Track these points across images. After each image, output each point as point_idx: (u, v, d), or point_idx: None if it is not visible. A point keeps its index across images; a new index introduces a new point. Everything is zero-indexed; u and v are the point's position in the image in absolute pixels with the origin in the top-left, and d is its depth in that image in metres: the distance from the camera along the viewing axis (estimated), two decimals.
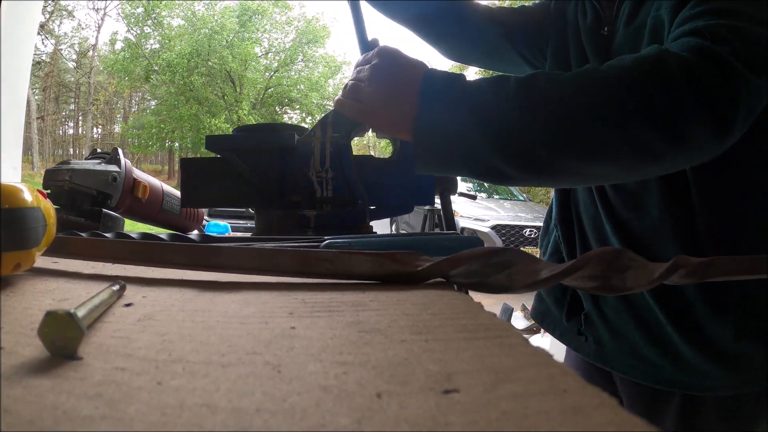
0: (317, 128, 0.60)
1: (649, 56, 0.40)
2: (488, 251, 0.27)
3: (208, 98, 14.43)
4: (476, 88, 0.42)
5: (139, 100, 19.44)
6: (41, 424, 0.11)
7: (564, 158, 0.40)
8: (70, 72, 18.40)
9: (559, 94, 0.40)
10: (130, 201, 0.66)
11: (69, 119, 19.51)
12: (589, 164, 0.40)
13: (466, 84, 0.43)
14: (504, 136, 0.40)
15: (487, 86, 0.42)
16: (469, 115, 0.41)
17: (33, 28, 1.85)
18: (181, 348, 0.17)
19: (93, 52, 17.90)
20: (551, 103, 0.40)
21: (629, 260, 0.26)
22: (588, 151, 0.40)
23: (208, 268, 0.30)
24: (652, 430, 0.11)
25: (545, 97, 0.40)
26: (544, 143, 0.39)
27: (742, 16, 0.41)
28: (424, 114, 0.43)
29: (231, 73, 14.53)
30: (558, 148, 0.39)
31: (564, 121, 0.39)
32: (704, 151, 0.40)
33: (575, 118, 0.39)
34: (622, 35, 0.53)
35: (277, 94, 15.61)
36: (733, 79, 0.39)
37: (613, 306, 0.56)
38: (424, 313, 0.21)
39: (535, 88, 0.41)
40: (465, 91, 0.42)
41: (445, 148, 0.42)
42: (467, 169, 0.43)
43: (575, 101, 0.39)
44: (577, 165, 0.40)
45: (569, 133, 0.39)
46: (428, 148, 0.43)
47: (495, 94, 0.41)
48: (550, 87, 0.40)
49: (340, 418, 0.12)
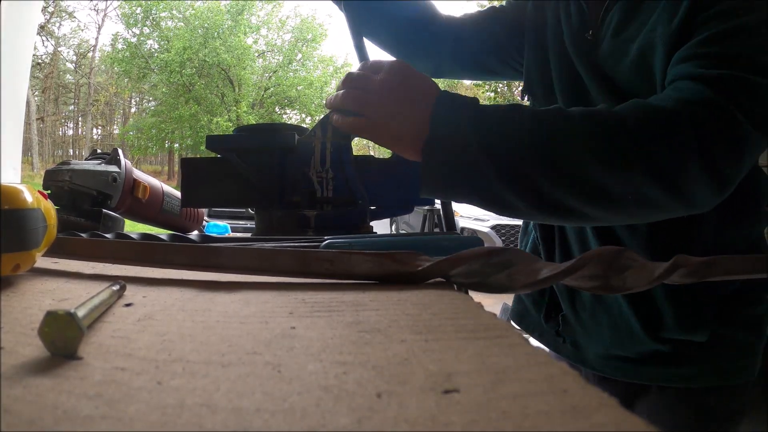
0: (317, 128, 0.60)
1: (664, 110, 0.40)
2: (488, 251, 0.27)
3: (207, 98, 14.44)
4: (488, 116, 0.41)
5: (139, 101, 19.45)
6: (41, 424, 0.11)
7: (568, 198, 0.40)
8: (70, 73, 18.41)
9: (570, 134, 0.40)
10: (130, 201, 0.66)
11: (69, 120, 19.52)
12: (591, 207, 0.41)
13: (478, 111, 0.42)
14: (513, 167, 0.40)
15: (501, 115, 0.42)
16: (480, 145, 0.40)
17: (33, 28, 1.85)
18: (181, 348, 0.17)
19: (93, 53, 17.91)
20: (560, 142, 0.40)
21: (629, 260, 0.26)
22: (591, 196, 0.40)
23: (208, 268, 0.30)
24: (652, 430, 0.11)
25: (555, 133, 0.40)
26: (552, 182, 0.40)
27: (748, 64, 0.41)
28: (434, 140, 0.42)
29: (229, 72, 14.53)
30: (563, 188, 0.40)
31: (570, 164, 0.40)
32: (704, 205, 0.42)
33: (582, 163, 0.40)
34: (608, 44, 0.52)
35: (277, 95, 15.62)
36: (741, 142, 0.40)
37: (589, 309, 0.57)
38: (424, 313, 0.21)
39: (547, 124, 0.41)
40: (477, 118, 0.41)
41: (454, 176, 0.42)
42: (476, 198, 0.42)
43: (584, 146, 0.40)
44: (581, 206, 0.41)
45: (574, 175, 0.40)
46: (436, 175, 0.42)
47: (507, 124, 0.41)
48: (564, 124, 0.41)
49: (340, 418, 0.12)
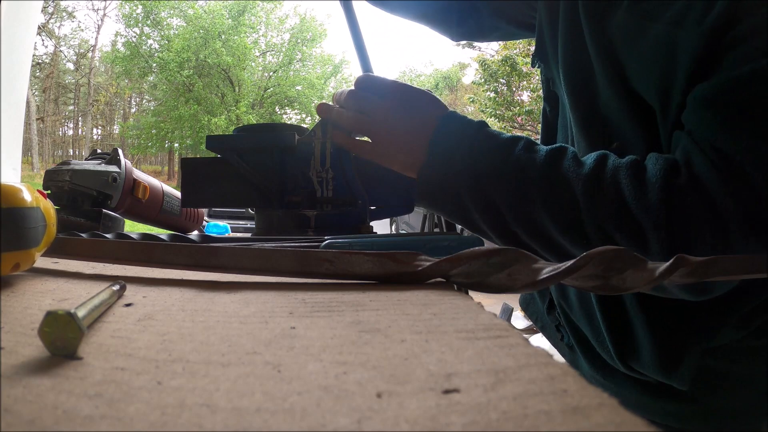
0: (317, 128, 0.60)
1: (657, 210, 0.37)
2: (488, 251, 0.27)
3: (207, 98, 14.44)
4: (482, 152, 0.43)
5: (140, 101, 19.45)
6: (41, 424, 0.11)
7: (536, 245, 0.42)
8: (70, 73, 18.41)
9: (545, 202, 0.41)
10: (130, 201, 0.66)
11: (69, 120, 19.52)
12: (555, 258, 0.42)
13: (473, 144, 0.44)
14: (494, 215, 0.43)
15: (494, 151, 0.43)
16: (467, 178, 0.43)
17: (33, 28, 1.85)
18: (181, 348, 0.17)
19: (93, 53, 17.90)
20: (540, 197, 0.41)
21: (630, 259, 0.26)
22: (557, 254, 0.42)
23: (208, 269, 0.30)
24: (652, 430, 0.11)
25: (537, 198, 0.41)
26: (523, 228, 0.42)
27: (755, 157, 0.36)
28: (427, 168, 0.45)
29: (229, 72, 14.54)
30: (531, 238, 0.42)
31: (540, 231, 0.41)
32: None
33: (546, 226, 0.41)
34: (624, 14, 0.43)
35: (276, 95, 15.62)
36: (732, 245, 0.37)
37: (576, 312, 0.55)
38: (424, 313, 0.21)
39: (529, 179, 0.41)
40: (470, 151, 0.44)
41: (442, 202, 0.45)
42: (462, 224, 0.46)
43: (549, 217, 0.41)
44: (546, 254, 0.42)
45: (543, 236, 0.41)
46: (427, 198, 0.46)
47: (495, 164, 0.43)
48: (546, 182, 0.41)
49: (340, 418, 0.12)
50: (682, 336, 0.45)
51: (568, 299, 0.56)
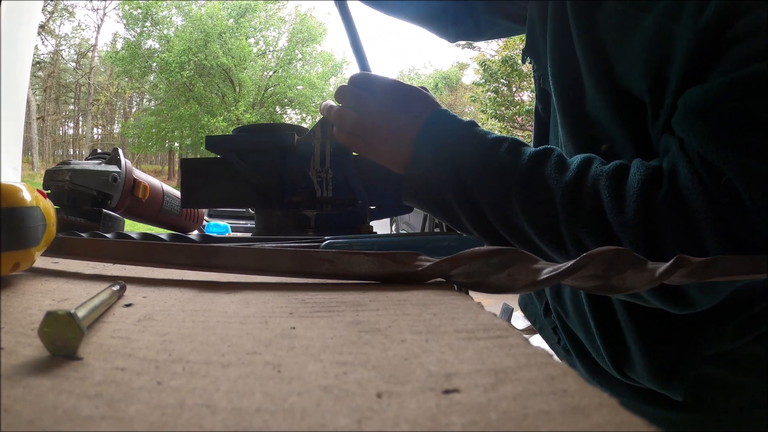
0: (317, 128, 0.60)
1: (639, 229, 0.35)
2: (488, 251, 0.27)
3: (207, 98, 14.45)
4: (466, 153, 0.43)
5: (140, 101, 19.45)
6: (41, 424, 0.11)
7: (521, 248, 0.42)
8: (71, 72, 18.41)
9: (529, 198, 0.40)
10: (131, 201, 0.66)
11: (69, 120, 19.52)
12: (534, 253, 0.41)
13: (458, 144, 0.44)
14: (475, 209, 0.43)
15: (478, 152, 0.43)
16: (451, 179, 0.43)
17: (33, 28, 1.85)
18: (181, 348, 0.17)
19: (93, 52, 17.91)
20: (518, 202, 0.40)
21: (630, 259, 0.26)
22: (535, 252, 0.41)
23: (208, 269, 0.30)
24: (652, 430, 0.11)
25: (517, 196, 0.41)
26: (506, 231, 0.42)
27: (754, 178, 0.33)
28: (411, 167, 0.45)
29: (229, 72, 14.55)
30: (516, 242, 0.42)
31: (517, 227, 0.41)
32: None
33: (526, 231, 0.41)
34: (615, 5, 0.41)
35: (277, 94, 15.62)
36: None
37: (571, 314, 0.54)
38: (424, 313, 0.21)
39: (510, 184, 0.41)
40: (454, 152, 0.44)
41: (428, 202, 0.46)
42: (448, 223, 0.46)
43: (529, 223, 0.40)
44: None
45: (523, 240, 0.41)
46: (412, 197, 0.46)
47: (477, 166, 0.43)
48: (525, 187, 0.40)
49: (340, 418, 0.12)
50: (675, 346, 0.44)
51: (564, 304, 0.55)
